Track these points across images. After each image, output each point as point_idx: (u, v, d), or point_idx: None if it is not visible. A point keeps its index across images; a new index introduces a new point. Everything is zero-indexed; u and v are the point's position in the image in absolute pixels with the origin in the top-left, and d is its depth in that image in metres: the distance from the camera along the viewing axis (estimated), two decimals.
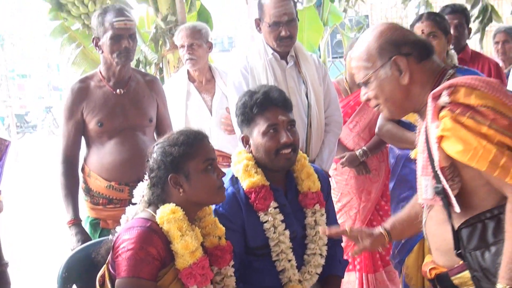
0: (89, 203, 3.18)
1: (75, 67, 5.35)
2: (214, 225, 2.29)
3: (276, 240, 2.40)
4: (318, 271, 2.51)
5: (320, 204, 2.55)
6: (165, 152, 2.15)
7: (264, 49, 3.26)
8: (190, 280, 2.06)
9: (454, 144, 1.72)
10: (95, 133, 3.10)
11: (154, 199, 2.19)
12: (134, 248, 1.99)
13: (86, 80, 3.16)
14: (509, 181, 1.66)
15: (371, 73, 1.92)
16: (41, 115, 21.10)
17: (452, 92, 1.76)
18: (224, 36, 22.74)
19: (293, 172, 2.58)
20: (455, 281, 1.91)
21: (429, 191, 1.86)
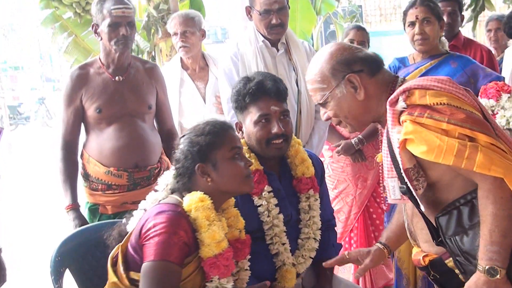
0: (88, 189, 3.21)
1: (67, 56, 5.34)
2: (236, 218, 2.28)
3: (270, 223, 2.41)
4: (312, 255, 2.52)
5: (314, 189, 2.55)
6: (192, 142, 2.14)
7: (255, 36, 3.27)
8: (213, 270, 2.04)
9: (419, 146, 1.78)
10: (94, 119, 3.12)
11: (180, 188, 2.18)
12: (167, 232, 1.97)
13: (86, 67, 3.18)
14: (477, 170, 1.72)
15: (328, 94, 1.99)
16: (34, 106, 21.03)
17: (408, 96, 1.84)
18: (217, 27, 22.69)
19: (287, 157, 2.58)
20: (449, 264, 1.96)
21: (396, 192, 1.94)
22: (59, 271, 2.34)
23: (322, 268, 2.56)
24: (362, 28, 4.09)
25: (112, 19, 3.00)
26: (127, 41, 3.06)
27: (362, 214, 4.03)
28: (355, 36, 4.00)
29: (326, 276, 2.55)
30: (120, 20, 3.01)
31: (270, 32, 3.22)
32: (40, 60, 27.21)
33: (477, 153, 1.72)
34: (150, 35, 5.19)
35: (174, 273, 1.97)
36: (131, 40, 3.12)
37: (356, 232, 4.04)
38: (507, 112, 2.93)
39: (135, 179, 3.15)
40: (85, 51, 5.40)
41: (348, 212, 4.01)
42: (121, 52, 3.09)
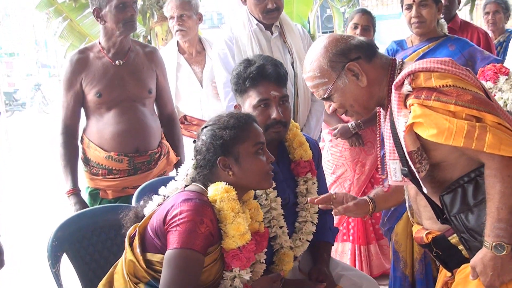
0: (88, 174, 3.21)
1: (62, 40, 5.32)
2: (256, 210, 2.26)
3: (268, 207, 2.40)
4: (309, 238, 2.52)
5: (312, 172, 2.55)
6: (216, 135, 2.11)
7: (248, 19, 3.25)
8: (235, 262, 2.02)
9: (428, 129, 1.78)
10: (94, 104, 3.12)
11: (200, 178, 2.15)
12: (193, 221, 1.94)
13: (86, 51, 3.18)
14: (487, 150, 1.73)
15: (331, 87, 1.99)
16: (30, 92, 20.96)
17: (413, 79, 1.84)
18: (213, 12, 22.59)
19: (285, 141, 2.58)
20: (452, 240, 1.98)
21: (397, 174, 1.95)
22: (56, 256, 2.33)
23: (319, 251, 2.58)
24: (367, 12, 4.05)
25: (117, 1, 3.00)
26: (134, 22, 3.09)
27: None
28: (360, 20, 3.95)
29: (323, 259, 2.54)
30: (127, 0, 3.02)
31: (265, 17, 3.20)
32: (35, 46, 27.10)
33: (486, 133, 1.73)
34: (145, 19, 5.17)
35: (197, 261, 1.96)
36: (136, 20, 3.13)
37: (354, 218, 4.04)
38: (505, 94, 2.93)
39: (136, 163, 3.15)
40: (80, 35, 5.37)
41: None
42: (127, 34, 3.11)
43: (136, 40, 3.52)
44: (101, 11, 3.05)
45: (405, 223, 3.09)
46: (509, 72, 3.00)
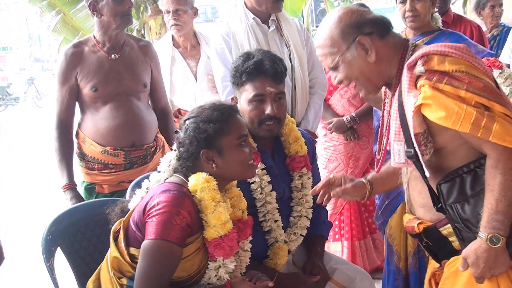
0: (84, 168, 3.20)
1: (55, 34, 5.30)
2: (239, 198, 2.27)
3: (263, 200, 2.41)
4: (303, 232, 2.53)
5: (307, 167, 2.56)
6: (199, 129, 2.11)
7: (245, 14, 3.24)
8: (218, 251, 2.03)
9: (436, 111, 1.77)
10: (90, 98, 3.11)
11: (183, 170, 2.16)
12: (169, 212, 1.95)
13: (80, 45, 3.16)
14: (493, 140, 1.72)
15: (339, 57, 1.97)
16: (23, 87, 20.88)
17: (426, 61, 1.83)
18: (207, 6, 22.56)
19: (281, 136, 2.58)
20: (444, 232, 1.98)
21: (401, 155, 1.93)
22: (50, 250, 2.33)
23: (313, 245, 2.59)
24: (364, 7, 4.05)
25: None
26: (131, 15, 3.09)
27: None
28: None
29: (317, 252, 2.56)
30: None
31: (274, 6, 3.19)
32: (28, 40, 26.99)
33: (494, 123, 1.72)
34: (139, 13, 5.15)
35: (173, 253, 1.96)
36: (131, 14, 3.13)
37: (348, 215, 4.04)
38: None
39: (132, 158, 3.15)
40: (74, 29, 5.35)
41: None
42: (124, 27, 3.11)
43: (130, 34, 3.51)
44: (98, 4, 3.04)
45: (399, 217, 3.09)
46: (503, 66, 3.00)
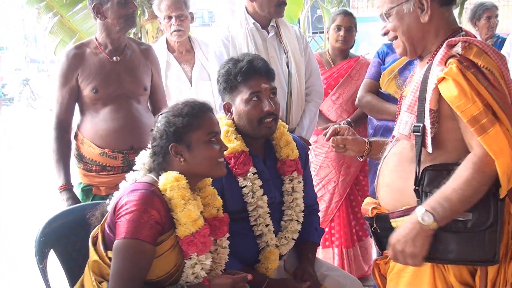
0: (82, 170, 3.20)
1: (52, 36, 5.30)
2: (213, 196, 2.29)
3: (254, 205, 2.43)
4: (295, 236, 2.55)
5: (298, 171, 2.58)
6: (169, 122, 2.14)
7: (246, 19, 3.27)
8: (191, 248, 2.06)
9: (452, 88, 1.81)
10: (90, 99, 3.11)
11: (155, 167, 2.19)
12: (138, 210, 1.98)
13: (82, 47, 3.17)
14: (481, 140, 1.76)
15: (395, 6, 2.00)
16: (18, 87, 20.83)
17: (466, 47, 1.87)
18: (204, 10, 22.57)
19: (272, 139, 2.61)
20: (393, 224, 2.01)
21: (407, 127, 1.97)
22: (43, 252, 2.34)
23: (304, 251, 2.60)
24: (349, 13, 4.09)
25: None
26: (135, 17, 3.12)
27: (344, 203, 4.05)
28: (342, 21, 3.99)
29: (308, 258, 2.57)
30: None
31: (276, 10, 3.23)
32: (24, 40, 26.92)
33: (492, 127, 1.76)
34: (136, 16, 5.15)
35: (144, 251, 1.98)
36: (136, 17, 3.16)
37: (338, 222, 4.06)
38: None
39: (130, 161, 3.10)
40: (71, 32, 5.35)
41: (329, 201, 4.02)
42: (129, 29, 3.12)
43: (131, 38, 3.53)
44: (102, 7, 3.05)
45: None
46: None
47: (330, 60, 4.06)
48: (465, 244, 1.84)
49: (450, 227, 1.85)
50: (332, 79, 3.97)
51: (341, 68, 4.02)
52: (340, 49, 4.04)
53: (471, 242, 1.84)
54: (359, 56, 4.14)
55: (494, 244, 1.83)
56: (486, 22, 4.99)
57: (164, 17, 3.87)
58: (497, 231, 1.83)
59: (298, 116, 3.36)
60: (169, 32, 3.87)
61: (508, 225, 1.91)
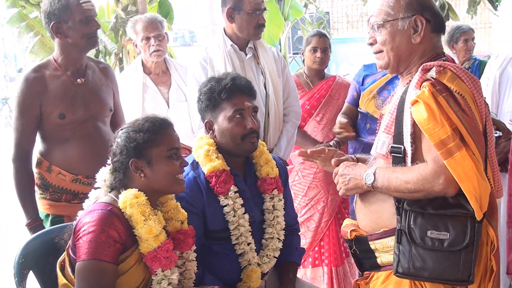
0: (48, 200, 3.01)
1: (33, 55, 5.28)
2: (176, 210, 2.30)
3: (236, 223, 2.43)
4: (276, 254, 2.56)
5: (278, 189, 2.59)
6: (129, 138, 2.15)
7: (223, 40, 3.30)
8: (155, 264, 2.07)
9: (422, 110, 1.85)
10: (56, 126, 2.92)
11: (116, 184, 2.19)
12: (95, 231, 1.98)
13: (40, 70, 2.95)
14: (447, 163, 1.82)
15: (390, 20, 2.05)
16: None
17: (440, 72, 1.92)
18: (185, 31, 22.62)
19: (252, 158, 2.62)
20: (372, 246, 2.06)
21: (384, 147, 2.03)
22: (22, 273, 2.30)
23: (285, 271, 2.61)
24: (324, 34, 4.14)
25: (84, 13, 2.85)
26: (97, 36, 2.98)
27: (333, 222, 4.06)
28: (318, 43, 4.03)
29: (289, 279, 2.58)
30: (91, 14, 2.89)
31: (255, 32, 3.26)
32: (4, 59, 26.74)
33: (458, 151, 1.81)
34: (117, 36, 5.16)
35: (106, 271, 1.99)
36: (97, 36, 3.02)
37: (328, 241, 4.06)
38: None
39: None
40: (51, 51, 5.29)
41: (319, 220, 4.02)
42: (91, 49, 3.01)
43: (89, 57, 3.27)
44: (62, 26, 2.85)
45: None
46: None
47: (309, 81, 4.10)
48: (441, 263, 1.88)
49: (427, 245, 1.88)
50: (314, 99, 4.00)
51: (321, 88, 4.05)
52: (317, 70, 4.09)
53: (447, 261, 1.87)
54: (335, 76, 4.20)
55: (470, 265, 1.86)
56: (463, 45, 5.07)
57: (141, 38, 3.82)
58: (473, 252, 1.86)
59: (276, 136, 3.38)
60: (147, 53, 3.83)
61: (486, 246, 1.94)
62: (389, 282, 2.03)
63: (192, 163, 2.50)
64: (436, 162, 1.84)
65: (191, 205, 2.40)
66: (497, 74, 3.83)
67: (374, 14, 2.12)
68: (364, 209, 2.13)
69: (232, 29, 3.27)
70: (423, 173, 1.86)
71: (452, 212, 1.88)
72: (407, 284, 1.97)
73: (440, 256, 1.88)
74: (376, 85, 3.57)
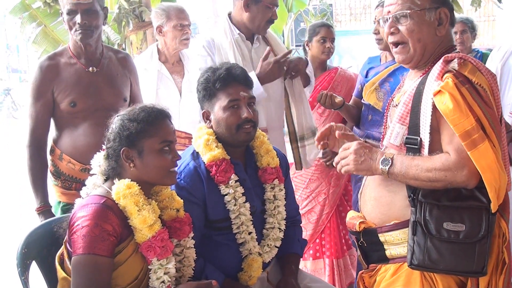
0: (60, 188, 3.05)
1: (35, 46, 5.28)
2: (171, 198, 2.30)
3: (237, 212, 2.43)
4: (277, 244, 2.56)
5: (279, 179, 2.59)
6: (123, 126, 2.14)
7: (230, 28, 3.25)
8: (150, 253, 2.08)
9: (447, 101, 1.85)
10: (67, 113, 2.95)
11: (110, 172, 2.19)
12: (89, 225, 1.98)
13: (55, 57, 2.99)
14: (471, 154, 1.81)
15: (417, 10, 2.03)
16: None
17: (461, 64, 1.92)
18: None
19: (252, 148, 2.62)
20: (381, 239, 2.06)
21: (398, 138, 2.02)
22: (25, 264, 2.30)
23: (287, 263, 2.61)
24: (331, 25, 4.15)
25: (69, 6, 2.87)
26: (85, 30, 2.89)
27: (334, 214, 4.07)
28: (327, 33, 4.03)
29: (291, 270, 2.58)
30: (75, 8, 2.86)
31: (264, 27, 3.25)
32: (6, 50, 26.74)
33: (482, 143, 1.81)
34: (121, 27, 5.15)
35: (101, 265, 1.99)
36: (92, 29, 2.92)
37: (329, 233, 4.07)
38: None
39: None
40: (54, 42, 5.34)
41: (320, 212, 4.03)
42: (82, 42, 2.93)
43: (108, 46, 3.35)
44: (62, 15, 2.95)
45: None
46: None
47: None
48: (457, 255, 1.88)
49: (443, 237, 1.89)
50: (316, 91, 3.99)
51: (323, 80, 4.05)
52: (321, 61, 4.08)
53: (462, 253, 1.88)
54: (337, 67, 4.19)
55: (484, 257, 1.87)
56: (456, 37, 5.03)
57: (174, 25, 3.80)
58: (487, 244, 1.87)
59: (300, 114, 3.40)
60: (176, 40, 3.81)
61: (498, 238, 1.95)
62: (400, 275, 2.03)
63: (192, 153, 2.51)
64: (460, 153, 1.84)
65: (192, 195, 2.40)
66: (499, 66, 3.82)
67: (394, 2, 2.07)
68: (372, 201, 2.12)
69: (243, 18, 3.23)
70: (446, 163, 1.86)
71: (467, 204, 1.88)
72: (418, 276, 1.98)
73: (456, 248, 1.89)
74: (378, 77, 3.56)
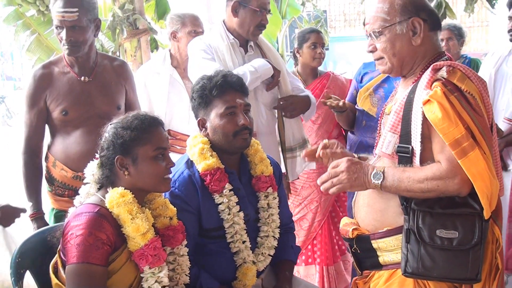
0: (53, 195, 3.08)
1: (29, 54, 5.27)
2: (164, 206, 2.30)
3: (231, 221, 2.43)
4: (271, 252, 2.56)
5: (273, 187, 2.60)
6: (117, 134, 2.14)
7: (225, 32, 3.25)
8: (142, 261, 2.08)
9: (436, 110, 1.85)
10: (60, 121, 2.99)
11: (103, 180, 2.19)
12: (83, 234, 1.98)
13: (50, 66, 3.03)
14: (461, 163, 1.81)
15: (388, 26, 2.04)
16: None
17: (450, 71, 1.92)
18: None
19: (247, 156, 2.62)
20: (374, 245, 2.06)
21: (390, 147, 2.01)
22: (19, 273, 2.29)
23: (281, 269, 2.61)
24: (320, 31, 4.17)
25: (55, 21, 2.91)
26: (72, 46, 2.92)
27: (327, 221, 4.07)
28: (317, 39, 4.04)
29: (285, 277, 2.58)
30: (61, 24, 2.89)
31: (255, 32, 3.22)
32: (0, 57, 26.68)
33: (472, 151, 1.81)
34: (115, 35, 5.14)
35: (95, 273, 1.99)
36: (78, 45, 2.94)
37: (320, 240, 4.07)
38: None
39: None
40: (48, 50, 5.33)
41: (312, 219, 4.03)
42: (72, 56, 2.96)
43: (104, 54, 3.39)
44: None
45: None
46: None
47: (303, 80, 4.05)
48: (451, 262, 1.88)
49: (436, 244, 1.88)
50: None
51: (315, 87, 4.06)
52: (313, 68, 4.08)
53: (456, 260, 1.88)
54: (328, 73, 4.19)
55: (478, 263, 1.87)
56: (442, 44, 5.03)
57: (189, 31, 3.81)
58: (481, 250, 1.87)
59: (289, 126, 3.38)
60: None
61: (492, 244, 1.95)
62: (393, 281, 2.03)
63: (186, 161, 2.51)
64: (451, 162, 1.84)
65: (186, 204, 2.40)
66: (493, 72, 3.83)
67: (369, 22, 2.10)
68: (366, 208, 2.12)
69: (233, 24, 3.22)
70: (437, 173, 1.86)
71: (460, 211, 1.88)
72: (411, 283, 1.98)
73: (449, 255, 1.89)
74: (372, 83, 3.57)
